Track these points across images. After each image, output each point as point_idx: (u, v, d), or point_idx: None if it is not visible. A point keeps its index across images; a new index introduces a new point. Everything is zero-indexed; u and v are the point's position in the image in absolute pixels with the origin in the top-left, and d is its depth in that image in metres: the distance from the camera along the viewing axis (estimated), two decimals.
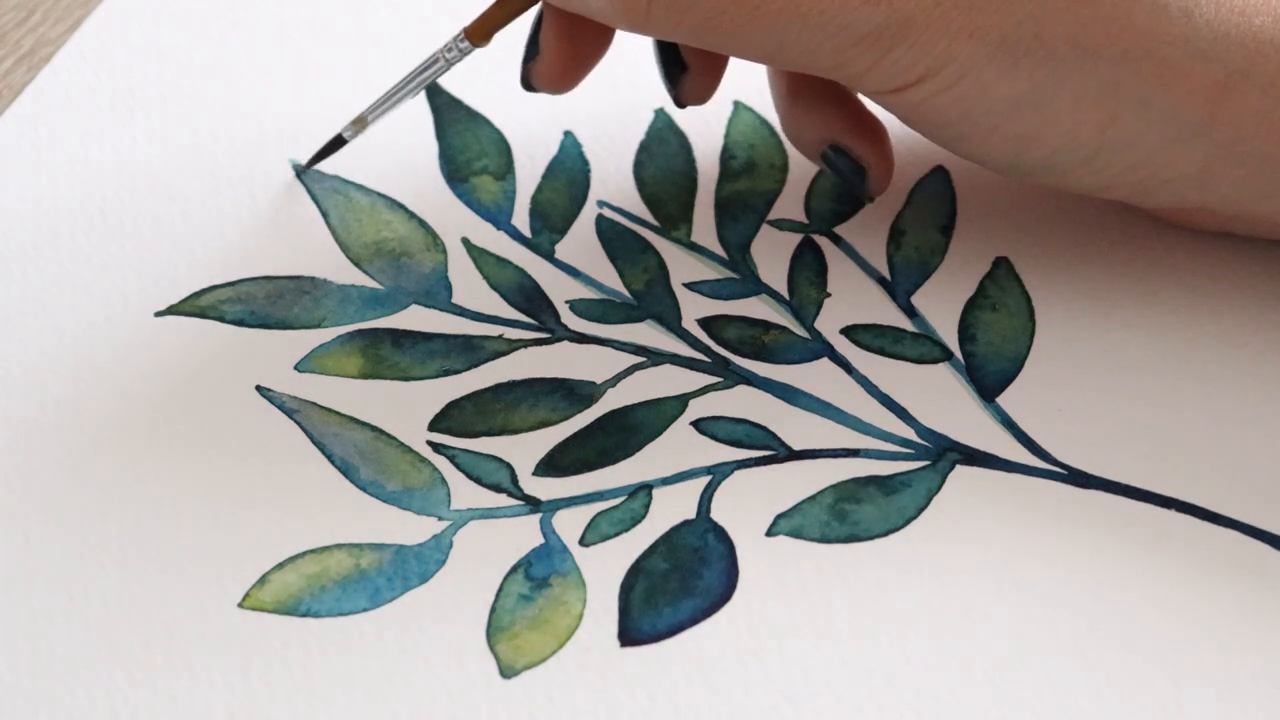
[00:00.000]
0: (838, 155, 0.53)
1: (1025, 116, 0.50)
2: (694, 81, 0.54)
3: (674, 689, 0.46)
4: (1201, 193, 0.51)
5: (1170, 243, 0.54)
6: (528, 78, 0.54)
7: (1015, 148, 0.50)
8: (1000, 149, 0.51)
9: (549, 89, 0.54)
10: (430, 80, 0.54)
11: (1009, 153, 0.51)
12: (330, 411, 0.51)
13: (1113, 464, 0.50)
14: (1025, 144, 0.50)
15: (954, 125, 0.50)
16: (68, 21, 0.61)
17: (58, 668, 0.46)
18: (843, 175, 0.54)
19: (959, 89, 0.49)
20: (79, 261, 0.55)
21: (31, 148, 0.58)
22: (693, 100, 0.54)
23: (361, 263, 0.55)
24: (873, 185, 0.54)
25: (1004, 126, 0.50)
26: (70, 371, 0.52)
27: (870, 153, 0.53)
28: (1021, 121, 0.50)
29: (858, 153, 0.53)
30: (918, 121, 0.51)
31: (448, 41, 0.54)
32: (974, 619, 0.47)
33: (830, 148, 0.54)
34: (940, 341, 0.53)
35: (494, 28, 0.54)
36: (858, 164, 0.53)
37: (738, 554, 0.48)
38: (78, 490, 0.50)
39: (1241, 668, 0.46)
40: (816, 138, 0.54)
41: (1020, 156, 0.51)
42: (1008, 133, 0.50)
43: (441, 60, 0.54)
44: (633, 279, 0.55)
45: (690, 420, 0.51)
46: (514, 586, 0.48)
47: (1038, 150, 0.50)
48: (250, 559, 0.48)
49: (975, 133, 0.50)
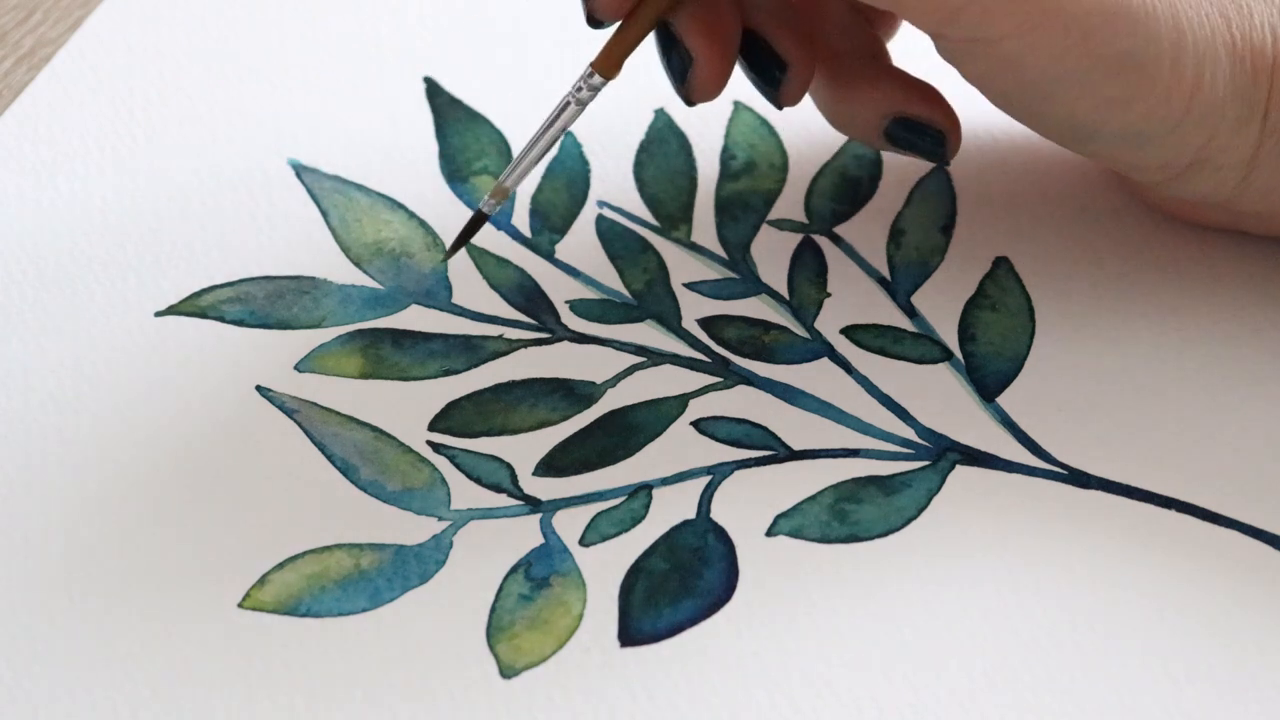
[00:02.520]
0: (905, 128, 0.53)
1: (1125, 77, 0.49)
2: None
3: (674, 689, 0.46)
4: (1241, 183, 0.51)
5: (1170, 243, 0.54)
6: (690, 94, 0.52)
7: (1104, 112, 0.50)
8: (1089, 113, 0.50)
9: (711, 96, 0.52)
10: (566, 128, 0.52)
11: (1096, 118, 0.50)
12: (330, 411, 0.51)
13: (1113, 464, 0.50)
14: (1116, 108, 0.50)
15: (1045, 84, 0.49)
16: (68, 21, 0.61)
17: (58, 668, 0.46)
18: (915, 146, 0.53)
19: (1062, 43, 0.48)
20: (79, 261, 0.55)
21: (31, 148, 0.58)
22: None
23: (361, 263, 0.55)
24: (952, 146, 0.53)
25: (1101, 87, 0.49)
26: (70, 371, 0.52)
27: (940, 114, 0.53)
28: (1119, 82, 0.49)
29: (928, 117, 0.53)
30: (1001, 79, 0.50)
31: (576, 81, 0.52)
32: (974, 619, 0.47)
33: (895, 122, 0.53)
34: (940, 341, 0.53)
35: (623, 54, 0.52)
36: (931, 128, 0.53)
37: (738, 554, 0.48)
38: (78, 490, 0.50)
39: (1241, 668, 0.46)
40: (877, 115, 0.53)
41: (1108, 122, 0.50)
42: (1101, 94, 0.49)
43: (573, 102, 0.52)
44: (633, 279, 0.55)
45: (690, 420, 0.51)
46: (514, 586, 0.48)
47: (1128, 116, 0.50)
48: (250, 559, 0.48)
49: (1066, 94, 0.49)
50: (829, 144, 0.57)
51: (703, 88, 0.52)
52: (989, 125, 0.55)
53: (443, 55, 0.60)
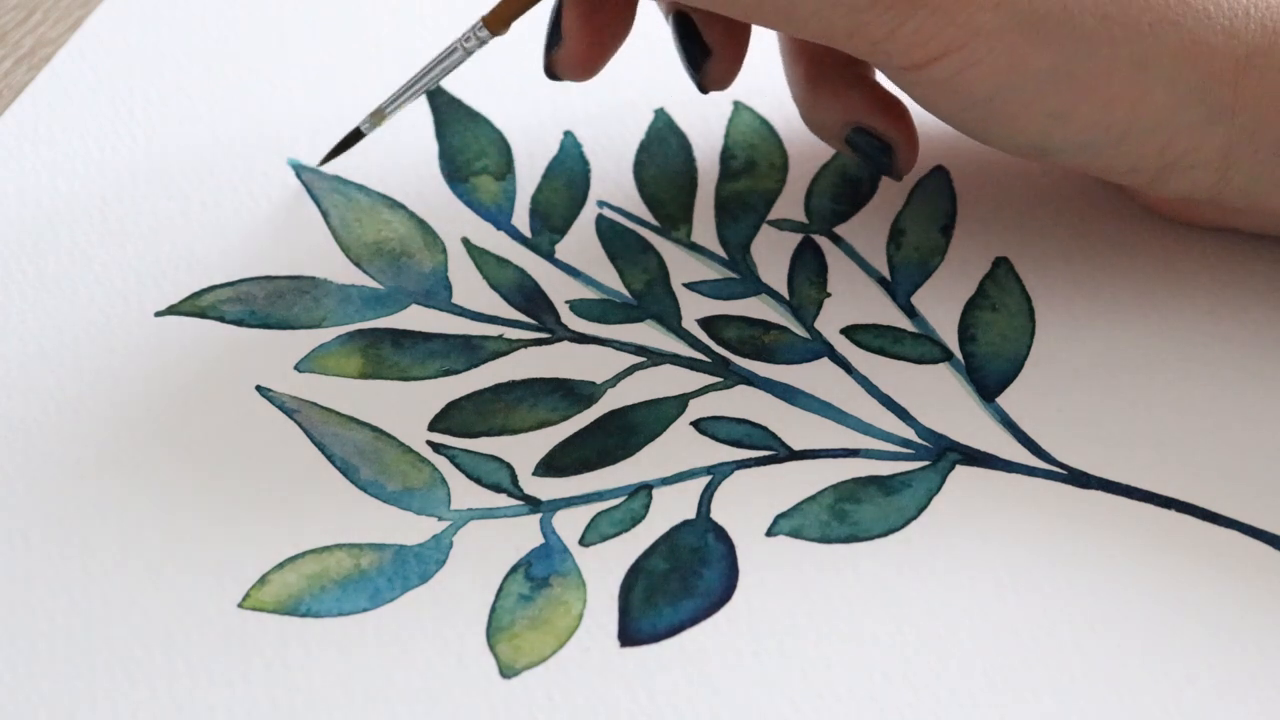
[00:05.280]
0: (862, 137, 0.53)
1: (1058, 91, 0.49)
2: (717, 65, 0.53)
3: (674, 689, 0.46)
4: (1219, 182, 0.51)
5: (1170, 242, 0.54)
6: (552, 66, 0.53)
7: (1046, 126, 0.50)
8: (1031, 128, 0.50)
9: (574, 76, 0.53)
10: (449, 71, 0.54)
11: (1039, 133, 0.50)
12: (330, 411, 0.51)
13: (1113, 464, 0.50)
14: (1057, 122, 0.50)
15: (982, 104, 0.50)
16: (68, 21, 0.61)
17: (58, 668, 0.46)
18: (870, 157, 0.53)
19: (989, 62, 0.49)
20: (79, 261, 0.55)
21: (31, 148, 0.58)
22: (716, 85, 0.54)
23: (361, 263, 0.55)
24: (900, 162, 0.53)
25: (1036, 103, 0.49)
26: (70, 371, 0.52)
27: (894, 130, 0.53)
28: (1054, 97, 0.49)
29: (882, 130, 0.53)
30: (943, 101, 0.51)
31: (465, 31, 0.54)
32: (974, 619, 0.47)
33: (854, 130, 0.53)
34: (940, 341, 0.53)
35: (512, 15, 0.53)
36: (884, 142, 0.53)
37: (738, 554, 0.48)
38: (78, 490, 0.50)
39: (1241, 668, 0.46)
40: (839, 121, 0.53)
41: (1051, 136, 0.50)
42: (1039, 110, 0.50)
43: (460, 50, 0.54)
44: (633, 279, 0.55)
45: (690, 420, 0.51)
46: (514, 586, 0.48)
47: (1069, 129, 0.50)
48: (250, 559, 0.48)
49: (1005, 111, 0.50)
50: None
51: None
52: None
53: None
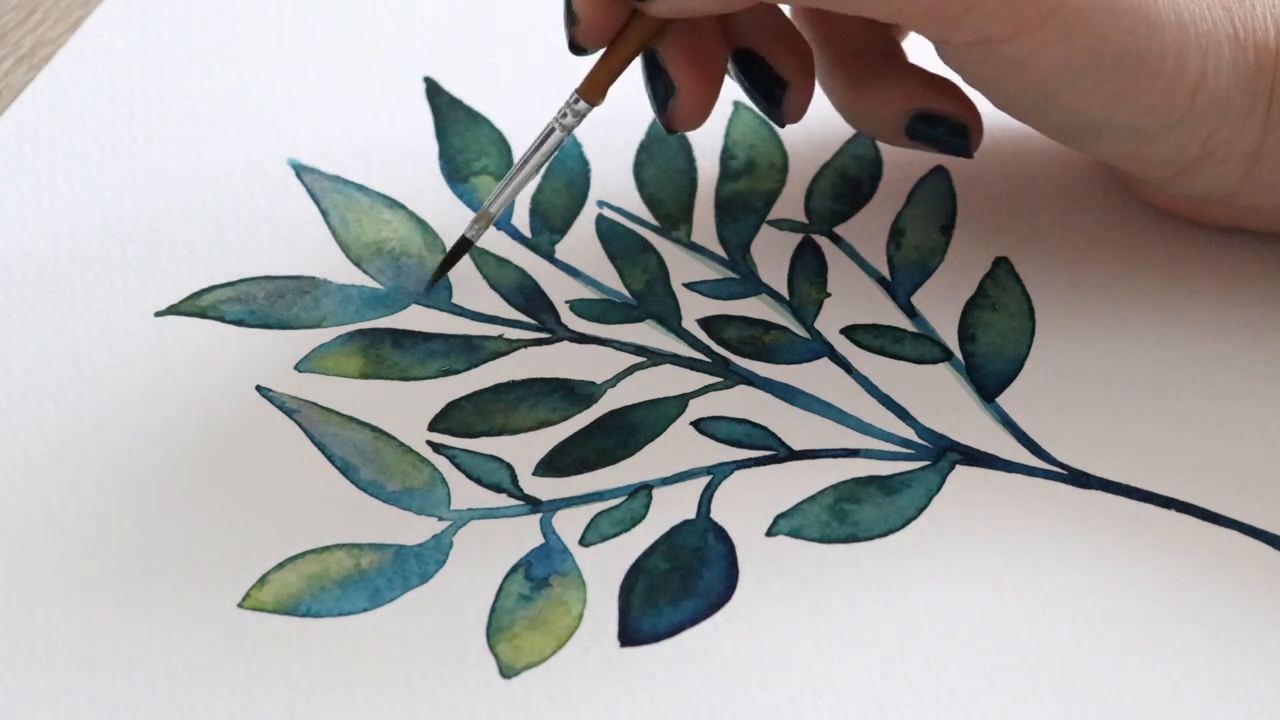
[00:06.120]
0: (928, 123, 0.53)
1: (1127, 73, 0.49)
2: (795, 95, 0.52)
3: (674, 689, 0.46)
4: (1245, 177, 0.51)
5: (1171, 242, 0.54)
6: (670, 121, 0.52)
7: (1109, 109, 0.49)
8: (1092, 111, 0.50)
9: (692, 125, 0.52)
10: (550, 155, 0.52)
11: (1100, 117, 0.50)
12: (330, 411, 0.51)
13: (1113, 464, 0.50)
14: (1121, 103, 0.49)
15: (1048, 84, 0.49)
16: (68, 21, 0.61)
17: (58, 668, 0.46)
18: (939, 141, 0.53)
19: (1066, 43, 0.48)
20: (79, 261, 0.55)
21: (31, 148, 0.58)
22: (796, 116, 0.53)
23: (361, 263, 0.55)
24: (975, 138, 0.53)
25: (1104, 85, 0.49)
26: (70, 371, 0.52)
27: (960, 107, 0.53)
28: (1122, 79, 0.49)
29: (950, 111, 0.53)
30: (1005, 81, 0.50)
31: (561, 107, 0.52)
32: (974, 619, 0.47)
33: (916, 118, 0.53)
34: (940, 341, 0.53)
35: (608, 80, 0.52)
36: (955, 122, 0.53)
37: (738, 554, 0.48)
38: (78, 490, 0.50)
39: (1241, 668, 0.46)
40: (899, 112, 0.53)
41: (1110, 119, 0.50)
42: (1105, 92, 0.49)
43: (558, 128, 0.52)
44: (633, 279, 0.55)
45: (690, 420, 0.51)
46: (514, 586, 0.48)
47: (1130, 113, 0.50)
48: (250, 559, 0.48)
49: (1068, 93, 0.49)
50: (829, 144, 0.57)
51: (684, 117, 0.52)
52: (989, 125, 0.55)
53: (443, 55, 0.60)
